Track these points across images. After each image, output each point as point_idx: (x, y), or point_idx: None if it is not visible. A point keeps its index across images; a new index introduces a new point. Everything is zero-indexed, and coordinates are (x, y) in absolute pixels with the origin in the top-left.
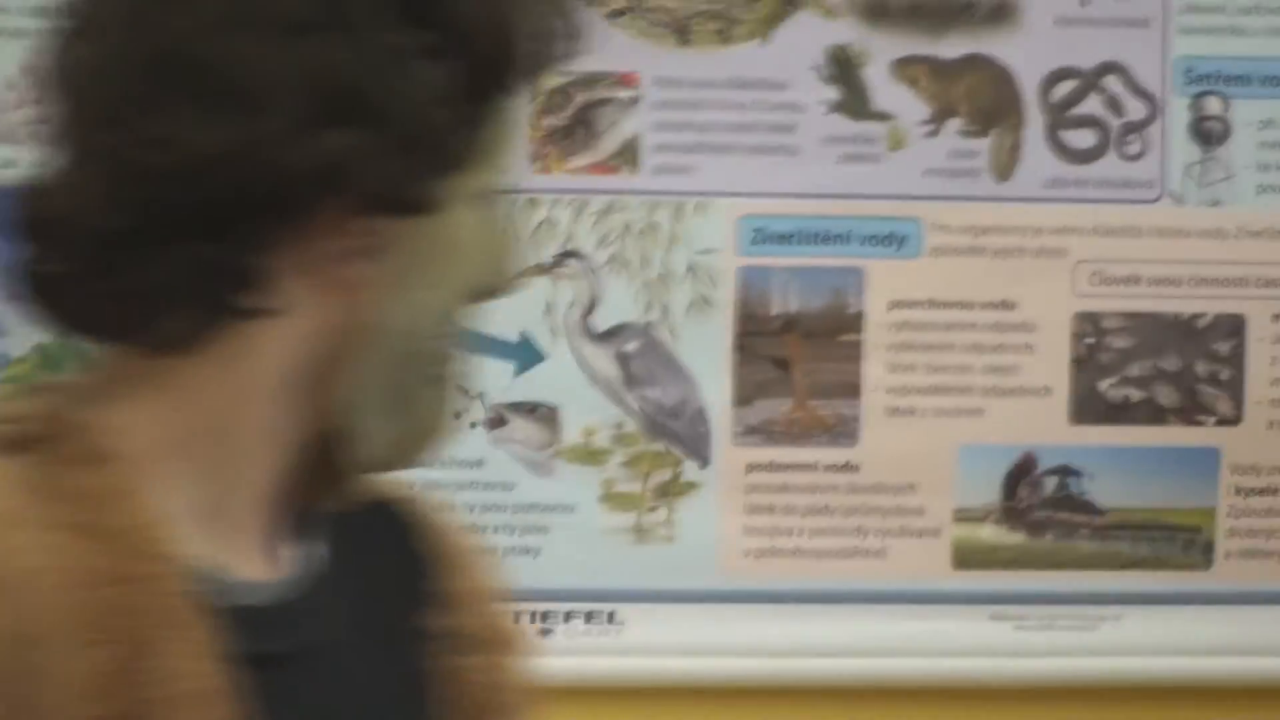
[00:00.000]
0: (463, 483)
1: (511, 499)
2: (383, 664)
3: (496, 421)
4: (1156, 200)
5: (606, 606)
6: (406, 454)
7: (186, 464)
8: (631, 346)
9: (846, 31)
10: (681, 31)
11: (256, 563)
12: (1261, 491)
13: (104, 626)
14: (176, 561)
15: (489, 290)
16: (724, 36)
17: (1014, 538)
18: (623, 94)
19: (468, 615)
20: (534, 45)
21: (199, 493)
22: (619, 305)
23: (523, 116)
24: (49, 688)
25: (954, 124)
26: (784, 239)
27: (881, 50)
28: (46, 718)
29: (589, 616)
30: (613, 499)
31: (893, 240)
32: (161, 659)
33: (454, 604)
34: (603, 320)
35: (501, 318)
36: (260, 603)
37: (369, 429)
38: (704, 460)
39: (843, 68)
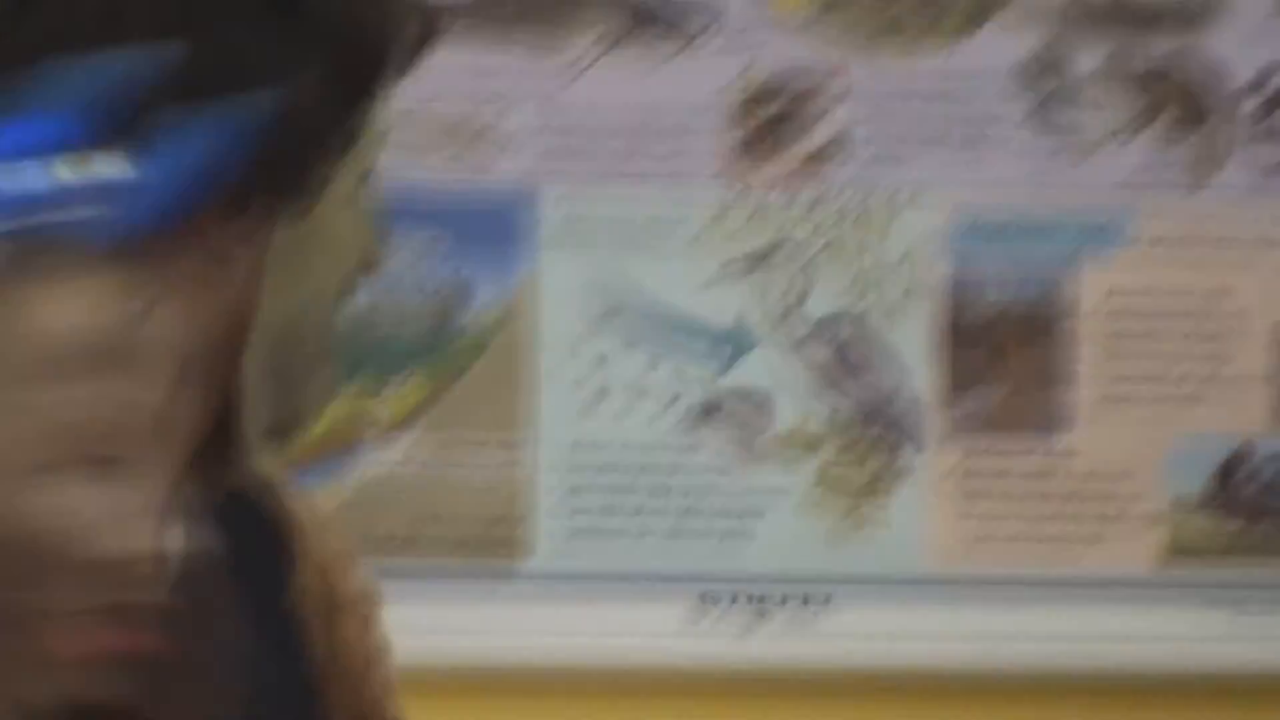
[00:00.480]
0: (676, 468)
1: (725, 485)
2: (263, 642)
3: (709, 408)
4: None
5: (821, 590)
6: (285, 437)
7: None
8: (844, 335)
9: (1052, 26)
10: (888, 25)
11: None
12: None
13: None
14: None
15: (361, 273)
16: (930, 30)
17: (1230, 526)
18: (832, 87)
19: (331, 580)
20: (400, 39)
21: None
22: (831, 294)
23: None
24: None
25: (1162, 117)
26: (995, 230)
27: (1087, 45)
28: None
29: (804, 601)
30: (826, 486)
31: (1103, 231)
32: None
33: (317, 571)
34: (815, 309)
35: (715, 306)
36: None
37: (250, 416)
38: (917, 448)
39: (1049, 61)
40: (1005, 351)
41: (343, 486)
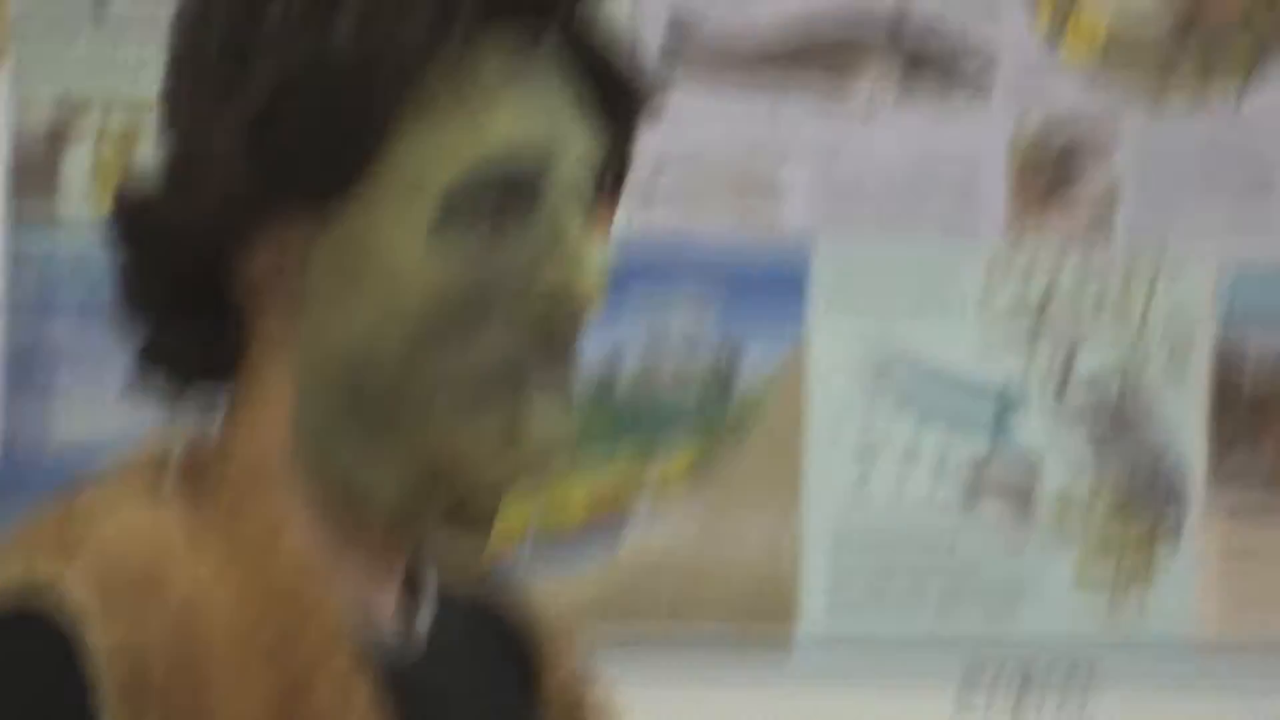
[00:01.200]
0: (946, 532)
1: (995, 550)
2: None
3: (979, 469)
4: None
5: (1087, 658)
6: (441, 496)
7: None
8: (1111, 396)
9: None
10: (1157, 81)
11: (380, 605)
12: None
13: (271, 653)
14: (328, 595)
15: (455, 319)
16: (1201, 82)
17: None
18: (1098, 141)
19: (575, 694)
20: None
21: (315, 526)
22: (1101, 350)
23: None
24: (218, 704)
25: None
26: (1265, 288)
27: None
28: None
29: (1071, 669)
30: (1095, 548)
31: None
32: (322, 691)
33: (560, 686)
34: (1083, 368)
35: (978, 365)
36: (391, 651)
37: (366, 478)
38: (1184, 508)
39: None
40: (1273, 409)
41: (615, 555)
